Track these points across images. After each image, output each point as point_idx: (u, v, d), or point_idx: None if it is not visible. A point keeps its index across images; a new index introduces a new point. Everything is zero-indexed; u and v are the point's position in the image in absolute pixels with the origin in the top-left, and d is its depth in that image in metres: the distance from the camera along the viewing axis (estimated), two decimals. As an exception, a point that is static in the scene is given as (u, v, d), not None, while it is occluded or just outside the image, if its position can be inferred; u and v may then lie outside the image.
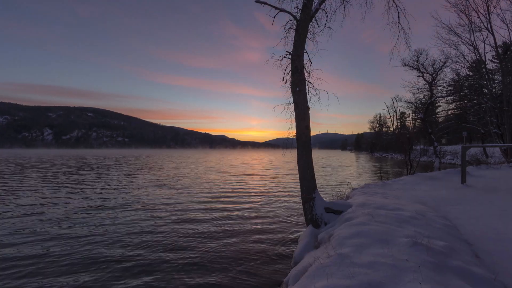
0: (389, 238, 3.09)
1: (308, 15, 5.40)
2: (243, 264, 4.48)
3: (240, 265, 4.42)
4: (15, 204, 8.87)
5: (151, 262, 4.51)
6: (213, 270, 4.24)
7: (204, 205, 8.97)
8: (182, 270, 4.26)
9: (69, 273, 4.14)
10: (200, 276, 4.05)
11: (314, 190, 5.09)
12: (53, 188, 12.42)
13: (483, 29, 19.06)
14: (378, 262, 2.48)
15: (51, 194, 10.98)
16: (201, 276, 4.05)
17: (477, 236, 3.85)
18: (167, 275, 4.06)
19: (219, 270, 4.25)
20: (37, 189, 12.23)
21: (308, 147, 5.22)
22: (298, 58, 5.29)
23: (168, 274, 4.12)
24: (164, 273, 4.13)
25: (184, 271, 4.21)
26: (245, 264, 4.48)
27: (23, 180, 15.34)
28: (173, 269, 4.28)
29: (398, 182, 9.50)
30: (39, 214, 7.61)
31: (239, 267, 4.35)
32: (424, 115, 18.12)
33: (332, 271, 2.45)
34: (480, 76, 22.22)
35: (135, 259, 4.62)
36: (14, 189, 12.07)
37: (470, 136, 41.90)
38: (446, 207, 5.63)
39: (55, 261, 4.56)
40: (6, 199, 9.72)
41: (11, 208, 8.37)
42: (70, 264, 4.43)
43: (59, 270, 4.23)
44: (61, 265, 4.41)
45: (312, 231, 4.61)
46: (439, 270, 2.40)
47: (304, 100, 5.25)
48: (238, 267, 4.37)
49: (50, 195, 10.65)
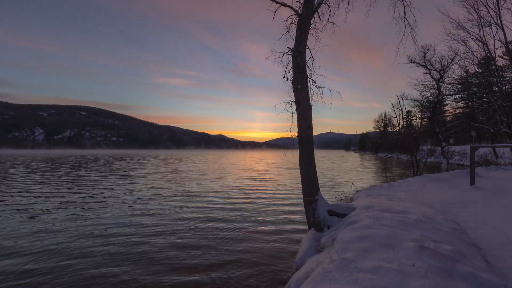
0: (394, 242, 3.08)
1: (310, 9, 5.40)
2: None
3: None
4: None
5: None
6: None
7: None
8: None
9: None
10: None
11: (316, 192, 5.08)
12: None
13: (492, 24, 19.07)
14: (383, 267, 2.48)
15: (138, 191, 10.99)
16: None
17: (486, 240, 3.85)
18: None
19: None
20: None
21: (310, 147, 5.22)
22: (300, 54, 5.28)
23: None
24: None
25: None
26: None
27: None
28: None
29: (404, 183, 9.51)
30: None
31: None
32: (431, 114, 18.12)
33: (336, 277, 2.44)
34: (490, 73, 22.22)
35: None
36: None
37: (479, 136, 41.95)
38: (454, 210, 5.63)
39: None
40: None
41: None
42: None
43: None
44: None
45: (314, 235, 4.61)
46: (447, 275, 2.40)
47: (306, 98, 5.25)
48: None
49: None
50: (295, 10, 5.58)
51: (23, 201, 9.91)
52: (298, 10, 5.54)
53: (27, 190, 12.55)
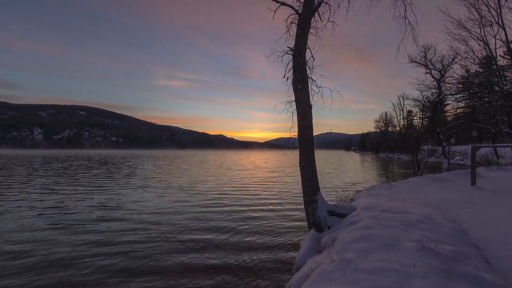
0: (395, 243, 3.09)
1: (310, 9, 5.40)
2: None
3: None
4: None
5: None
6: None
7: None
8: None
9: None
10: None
11: (316, 193, 5.09)
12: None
13: (493, 23, 19.07)
14: (384, 268, 2.48)
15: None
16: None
17: (487, 241, 3.85)
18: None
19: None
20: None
21: (311, 147, 5.22)
22: (300, 54, 5.28)
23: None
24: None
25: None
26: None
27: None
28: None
29: (405, 184, 9.51)
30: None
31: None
32: (432, 114, 18.14)
33: (336, 277, 2.45)
34: (491, 73, 22.23)
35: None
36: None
37: (480, 136, 41.97)
38: (455, 210, 5.63)
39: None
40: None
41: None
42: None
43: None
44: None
45: (314, 235, 4.61)
46: (448, 276, 2.40)
47: (306, 98, 5.25)
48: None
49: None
50: (295, 9, 5.58)
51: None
52: (298, 10, 5.55)
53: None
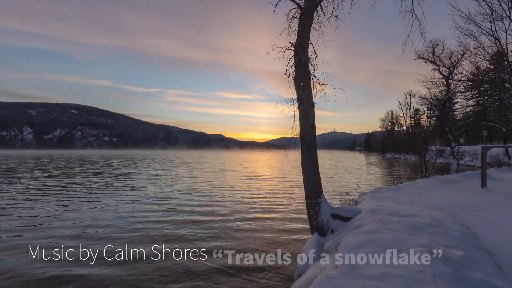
0: (402, 247, 3.08)
1: (313, 2, 5.39)
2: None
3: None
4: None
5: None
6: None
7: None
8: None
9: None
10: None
11: (319, 195, 5.08)
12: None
13: (505, 18, 19.00)
14: (390, 274, 2.48)
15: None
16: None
17: (498, 245, 3.85)
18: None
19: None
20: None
21: (313, 147, 5.21)
22: (302, 49, 5.27)
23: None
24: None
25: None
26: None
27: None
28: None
29: (412, 186, 9.51)
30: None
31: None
32: (440, 112, 18.12)
33: (340, 284, 2.44)
34: (502, 69, 22.17)
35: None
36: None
37: (490, 136, 41.91)
38: (465, 213, 5.63)
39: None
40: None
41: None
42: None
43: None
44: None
45: (317, 240, 4.60)
46: (457, 282, 2.40)
47: (309, 96, 5.24)
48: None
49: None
50: (297, 3, 5.58)
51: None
52: (300, 3, 5.54)
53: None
